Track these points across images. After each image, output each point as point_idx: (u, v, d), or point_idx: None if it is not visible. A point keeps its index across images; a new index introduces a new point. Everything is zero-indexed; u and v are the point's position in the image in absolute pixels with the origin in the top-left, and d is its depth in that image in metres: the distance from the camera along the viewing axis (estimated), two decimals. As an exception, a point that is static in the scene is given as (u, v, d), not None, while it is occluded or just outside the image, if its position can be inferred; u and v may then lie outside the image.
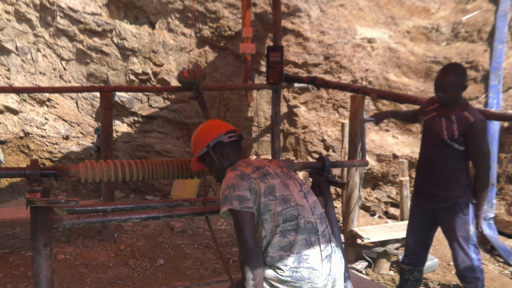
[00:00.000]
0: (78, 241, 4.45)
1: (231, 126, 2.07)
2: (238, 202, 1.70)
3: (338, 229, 2.76)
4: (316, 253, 1.75)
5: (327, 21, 5.59)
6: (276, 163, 2.01)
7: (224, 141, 1.98)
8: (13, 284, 3.68)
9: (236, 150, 2.01)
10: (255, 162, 1.92)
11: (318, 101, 5.69)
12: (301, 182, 1.97)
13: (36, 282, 1.89)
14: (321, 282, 1.74)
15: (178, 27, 5.92)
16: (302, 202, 1.81)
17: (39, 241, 1.88)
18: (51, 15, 5.97)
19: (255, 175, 1.78)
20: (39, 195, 1.84)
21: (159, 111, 6.14)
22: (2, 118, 6.38)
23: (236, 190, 1.72)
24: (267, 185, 1.77)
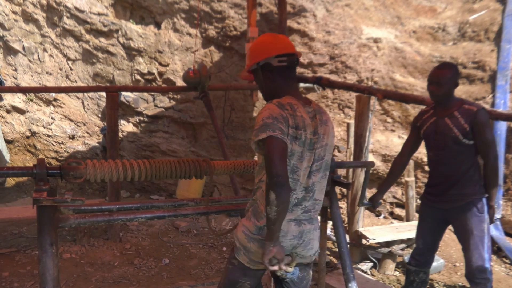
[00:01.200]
0: (83, 240, 4.47)
1: (291, 47, 1.85)
2: (280, 132, 1.67)
3: (343, 229, 2.76)
4: (287, 217, 1.79)
5: (333, 21, 5.58)
6: (316, 125, 1.81)
7: (272, 64, 1.82)
8: (20, 283, 3.71)
9: (285, 77, 1.83)
10: (300, 115, 1.75)
11: (324, 101, 5.67)
12: (321, 156, 1.85)
13: (43, 280, 1.90)
14: (286, 241, 1.83)
15: (183, 27, 5.93)
16: (302, 179, 1.81)
17: (45, 240, 1.89)
18: (58, 15, 6.01)
19: (291, 131, 1.72)
20: (45, 194, 1.85)
21: (165, 111, 6.16)
22: (9, 118, 6.42)
23: (280, 124, 1.69)
24: (291, 148, 1.74)
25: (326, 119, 1.87)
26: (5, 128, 6.40)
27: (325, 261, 3.03)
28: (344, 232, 2.77)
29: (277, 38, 1.88)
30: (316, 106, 1.88)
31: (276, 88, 1.85)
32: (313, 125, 1.80)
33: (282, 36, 1.92)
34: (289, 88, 1.84)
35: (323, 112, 1.89)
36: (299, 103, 1.79)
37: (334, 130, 1.94)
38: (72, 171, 2.01)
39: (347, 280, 2.55)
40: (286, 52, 1.82)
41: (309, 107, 1.84)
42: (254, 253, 1.84)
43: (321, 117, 1.85)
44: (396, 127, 5.47)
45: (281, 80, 1.84)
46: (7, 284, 3.69)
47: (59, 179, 2.04)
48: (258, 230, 1.83)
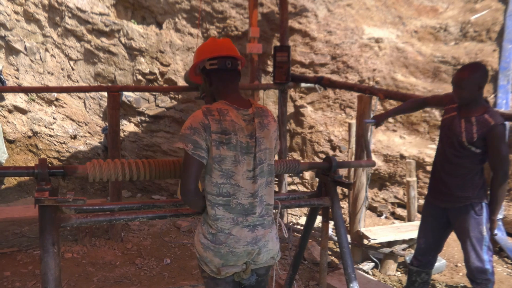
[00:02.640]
0: (85, 240, 4.48)
1: (226, 50, 1.86)
2: (192, 146, 1.75)
3: (344, 229, 2.75)
4: (238, 226, 1.84)
5: (334, 21, 5.57)
6: (253, 128, 1.82)
7: (206, 67, 1.87)
8: (21, 282, 3.71)
9: (222, 80, 1.86)
10: (230, 119, 1.77)
11: (325, 101, 5.67)
12: (262, 159, 1.85)
13: (44, 280, 1.90)
14: (239, 247, 1.85)
15: (185, 27, 5.93)
16: (242, 183, 1.82)
17: (47, 240, 1.89)
18: (60, 15, 6.01)
19: (215, 136, 1.75)
20: (47, 194, 1.85)
21: (166, 110, 6.16)
22: (11, 118, 6.43)
23: (195, 135, 1.75)
24: (219, 153, 1.77)
25: (267, 123, 1.88)
26: (7, 128, 6.41)
27: (326, 261, 3.03)
28: (345, 232, 2.76)
29: (214, 42, 1.91)
30: (257, 109, 1.88)
31: (214, 91, 1.89)
32: (248, 129, 1.82)
33: (222, 40, 1.93)
34: (227, 91, 1.87)
35: (266, 115, 1.90)
36: (232, 108, 1.81)
37: (277, 133, 1.94)
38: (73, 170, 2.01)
39: (348, 280, 2.54)
40: (218, 55, 1.84)
41: (245, 111, 1.84)
42: (212, 261, 1.87)
43: (261, 120, 1.86)
44: (398, 127, 5.47)
45: (218, 83, 1.87)
46: (8, 283, 3.69)
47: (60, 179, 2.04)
48: (211, 236, 1.86)
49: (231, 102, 1.83)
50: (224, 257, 1.85)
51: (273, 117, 1.96)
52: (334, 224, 2.72)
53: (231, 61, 1.87)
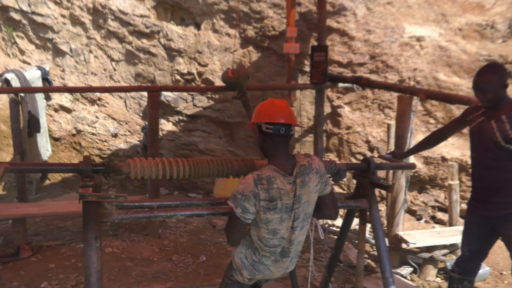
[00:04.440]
0: (124, 235, 4.61)
1: (283, 117, 2.01)
2: (241, 210, 1.96)
3: (382, 233, 2.69)
4: (276, 264, 2.14)
5: (374, 19, 5.46)
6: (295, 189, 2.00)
7: (262, 129, 2.03)
8: (65, 274, 3.87)
9: (274, 142, 2.02)
10: (276, 187, 1.96)
11: (363, 101, 5.57)
12: (300, 212, 2.04)
13: (87, 273, 1.97)
14: (272, 276, 2.21)
15: (223, 28, 5.99)
16: (286, 235, 2.07)
17: (90, 234, 1.96)
18: (103, 18, 6.22)
19: (263, 203, 1.96)
20: (91, 190, 1.92)
21: (203, 110, 6.24)
22: (56, 116, 6.73)
23: (245, 202, 1.95)
24: (266, 217, 1.99)
25: (308, 180, 2.02)
26: (53, 126, 6.70)
27: (363, 264, 2.97)
28: (383, 236, 2.70)
29: (273, 106, 2.06)
30: (300, 168, 2.02)
31: (265, 149, 2.08)
32: (292, 190, 2.00)
33: (280, 104, 2.07)
34: (276, 152, 2.03)
35: (308, 171, 2.03)
36: (279, 175, 1.98)
37: (320, 185, 2.08)
38: (116, 168, 2.07)
39: (386, 284, 2.48)
40: (274, 121, 2.00)
41: (289, 177, 2.00)
42: (246, 276, 2.19)
43: (303, 179, 2.01)
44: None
45: (270, 144, 2.03)
46: (53, 275, 3.86)
47: (102, 175, 2.10)
48: (252, 261, 2.15)
49: (279, 166, 2.00)
50: (257, 277, 2.19)
51: (317, 169, 2.07)
52: (372, 227, 2.67)
53: (285, 128, 2.01)
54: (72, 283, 3.73)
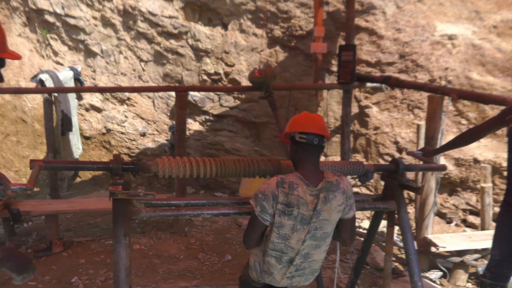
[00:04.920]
0: (152, 232, 4.69)
1: (317, 128, 2.06)
2: (260, 209, 2.03)
3: (411, 236, 2.64)
4: (281, 273, 2.18)
5: (404, 18, 5.34)
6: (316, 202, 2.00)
7: (295, 138, 2.08)
8: (94, 270, 3.96)
9: (305, 152, 2.07)
10: (297, 194, 1.98)
11: (392, 101, 5.46)
12: (316, 228, 2.05)
13: (116, 269, 2.01)
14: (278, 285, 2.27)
15: (250, 28, 6.00)
16: (295, 246, 2.08)
17: (119, 231, 2.00)
18: (133, 19, 6.35)
19: (280, 206, 1.99)
20: (120, 188, 1.96)
21: (230, 110, 6.28)
22: (87, 116, 6.91)
23: (264, 201, 2.01)
24: (279, 221, 2.03)
25: (332, 197, 2.03)
26: (84, 125, 6.89)
27: (390, 267, 2.92)
28: (412, 238, 2.65)
29: (308, 117, 2.13)
30: (326, 184, 2.03)
31: (295, 158, 2.12)
32: (313, 203, 2.01)
33: (314, 117, 2.14)
34: (306, 163, 2.07)
35: (334, 189, 2.04)
36: (302, 183, 2.01)
37: (344, 205, 2.09)
38: (145, 166, 2.10)
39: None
40: (308, 131, 2.05)
41: (314, 187, 2.01)
42: (256, 277, 2.29)
43: (327, 195, 2.02)
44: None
45: (301, 154, 2.08)
46: (83, 270, 3.96)
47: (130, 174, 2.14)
48: (261, 269, 2.22)
49: (305, 175, 2.03)
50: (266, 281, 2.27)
51: (344, 190, 2.08)
52: (400, 230, 2.62)
53: (318, 138, 2.06)
54: (101, 278, 3.82)
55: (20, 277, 1.58)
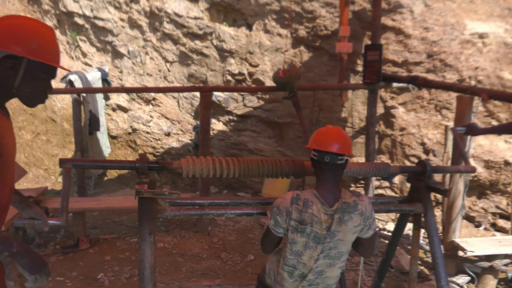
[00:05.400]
0: (175, 231, 4.74)
1: (330, 146, 1.98)
2: (273, 222, 2.03)
3: (438, 239, 2.58)
4: (293, 285, 2.14)
5: (432, 16, 5.22)
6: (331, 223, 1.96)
7: (311, 155, 2.06)
8: (119, 267, 4.04)
9: (320, 169, 2.02)
10: (311, 212, 1.94)
11: (419, 102, 5.35)
12: (331, 247, 2.00)
13: (141, 266, 2.04)
14: None
15: (274, 28, 5.99)
16: (307, 262, 2.05)
17: (144, 229, 2.03)
18: (159, 20, 6.44)
19: (293, 223, 1.97)
20: (146, 187, 1.99)
21: (253, 110, 6.28)
22: (114, 116, 7.05)
23: (278, 215, 2.00)
24: (292, 237, 2.01)
25: (347, 219, 1.97)
26: (111, 125, 7.03)
27: (416, 271, 2.87)
28: (439, 242, 2.59)
29: (325, 134, 2.04)
30: (342, 205, 1.97)
31: (315, 174, 2.09)
32: (327, 222, 1.96)
33: (334, 133, 2.05)
34: (321, 180, 2.03)
35: (350, 211, 1.98)
36: (318, 201, 1.96)
37: (358, 221, 2.01)
38: (170, 166, 2.13)
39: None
40: (320, 149, 1.99)
41: (329, 208, 1.95)
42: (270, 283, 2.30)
43: (342, 216, 1.96)
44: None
45: (317, 170, 2.05)
46: (109, 267, 4.04)
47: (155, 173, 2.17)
48: (275, 279, 2.22)
49: (321, 193, 1.99)
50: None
51: (362, 211, 2.01)
52: (427, 233, 2.57)
53: (330, 156, 1.98)
54: (126, 275, 3.89)
55: (32, 277, 1.56)
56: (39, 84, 1.63)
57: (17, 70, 1.56)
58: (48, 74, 1.64)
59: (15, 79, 1.57)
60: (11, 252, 1.52)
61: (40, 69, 1.60)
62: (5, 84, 1.58)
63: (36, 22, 1.64)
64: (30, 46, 1.54)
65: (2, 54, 1.55)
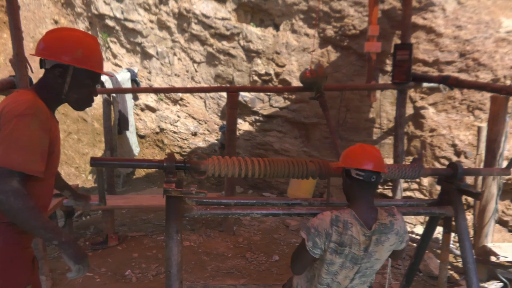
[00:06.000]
0: (201, 230, 4.78)
1: (375, 165, 1.96)
2: (311, 244, 1.97)
3: (470, 244, 2.51)
4: None
5: (465, 14, 5.07)
6: (368, 244, 1.95)
7: (351, 174, 2.00)
8: (146, 264, 4.11)
9: (361, 188, 1.99)
10: (350, 234, 1.92)
11: (450, 102, 5.21)
12: (367, 267, 2.00)
13: (168, 264, 2.07)
14: None
15: (301, 28, 5.96)
16: (343, 282, 2.05)
17: (172, 228, 2.05)
18: (187, 21, 6.52)
19: (332, 245, 1.94)
20: (174, 186, 2.01)
21: (279, 110, 6.27)
22: (142, 115, 7.18)
23: (317, 237, 1.95)
24: (330, 258, 1.98)
25: (384, 239, 1.98)
26: (139, 125, 7.17)
27: (446, 276, 2.79)
28: (471, 247, 2.52)
29: (365, 152, 2.02)
30: (379, 226, 1.96)
31: (350, 193, 2.05)
32: (365, 243, 1.95)
33: (372, 151, 2.03)
34: (360, 200, 1.99)
35: (387, 232, 1.98)
36: (357, 223, 1.94)
37: (394, 240, 2.02)
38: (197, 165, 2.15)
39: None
40: (367, 169, 1.95)
41: (367, 230, 1.94)
42: None
43: (379, 237, 1.96)
44: (539, 132, 4.77)
45: (356, 190, 2.00)
46: (136, 264, 4.11)
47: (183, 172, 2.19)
48: None
49: (359, 214, 1.97)
50: None
51: (397, 231, 2.02)
52: (458, 237, 2.50)
53: (376, 175, 1.98)
54: (153, 272, 3.95)
55: (76, 267, 1.64)
56: (85, 89, 1.78)
57: (64, 77, 1.71)
58: (93, 80, 1.80)
59: (63, 86, 1.72)
60: (60, 241, 1.61)
61: (86, 75, 1.74)
62: (55, 91, 1.73)
63: (80, 33, 1.78)
64: (75, 55, 1.68)
65: (50, 64, 1.70)
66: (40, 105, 1.65)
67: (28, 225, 1.56)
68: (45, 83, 1.73)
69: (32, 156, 1.56)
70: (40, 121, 1.60)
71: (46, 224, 1.57)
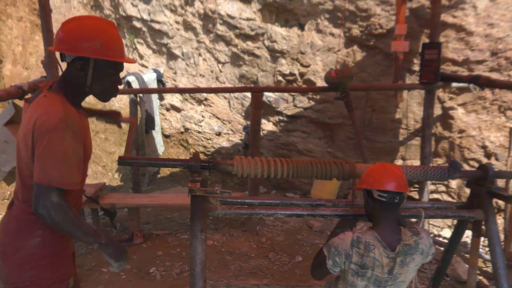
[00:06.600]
0: (224, 230, 4.80)
1: (396, 185, 1.91)
2: (332, 263, 1.94)
3: (500, 248, 2.44)
4: None
5: (498, 11, 4.92)
6: (393, 266, 1.90)
7: (373, 195, 1.96)
8: (170, 262, 4.15)
9: (384, 209, 1.94)
10: (373, 256, 1.87)
11: (480, 103, 5.06)
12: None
13: (192, 263, 2.09)
14: None
15: (327, 28, 5.91)
16: None
17: (196, 227, 2.07)
18: (212, 22, 6.56)
19: (353, 266, 1.90)
20: (198, 185, 2.03)
21: (303, 111, 6.24)
22: (168, 115, 7.27)
23: (337, 257, 1.92)
24: (352, 280, 1.94)
25: (409, 260, 1.92)
26: (164, 124, 7.26)
27: (475, 281, 2.72)
28: (501, 251, 2.45)
29: (387, 172, 1.97)
30: (403, 248, 1.91)
31: (373, 214, 2.00)
32: (389, 265, 1.90)
33: (394, 171, 1.98)
34: (383, 221, 1.95)
35: (412, 252, 1.92)
36: (379, 245, 1.89)
37: (419, 260, 1.97)
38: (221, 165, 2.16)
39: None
40: (389, 189, 1.90)
41: (390, 252, 1.89)
42: None
43: (404, 259, 1.91)
44: None
45: (379, 211, 1.95)
46: (160, 261, 4.17)
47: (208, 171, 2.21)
48: None
49: (382, 236, 1.92)
50: None
51: (422, 250, 1.97)
52: (488, 241, 2.43)
53: (399, 196, 1.92)
54: (177, 270, 3.99)
55: (117, 264, 1.74)
56: (108, 80, 1.74)
57: (86, 70, 1.68)
58: (115, 69, 1.74)
59: (86, 78, 1.69)
60: (100, 244, 1.69)
61: (107, 66, 1.70)
62: (78, 84, 1.71)
63: (97, 20, 1.73)
64: (94, 46, 1.63)
65: (71, 58, 1.67)
66: (71, 113, 1.64)
67: (71, 234, 1.64)
68: (68, 77, 1.71)
69: (68, 171, 1.59)
70: (73, 132, 1.61)
71: (87, 231, 1.64)
